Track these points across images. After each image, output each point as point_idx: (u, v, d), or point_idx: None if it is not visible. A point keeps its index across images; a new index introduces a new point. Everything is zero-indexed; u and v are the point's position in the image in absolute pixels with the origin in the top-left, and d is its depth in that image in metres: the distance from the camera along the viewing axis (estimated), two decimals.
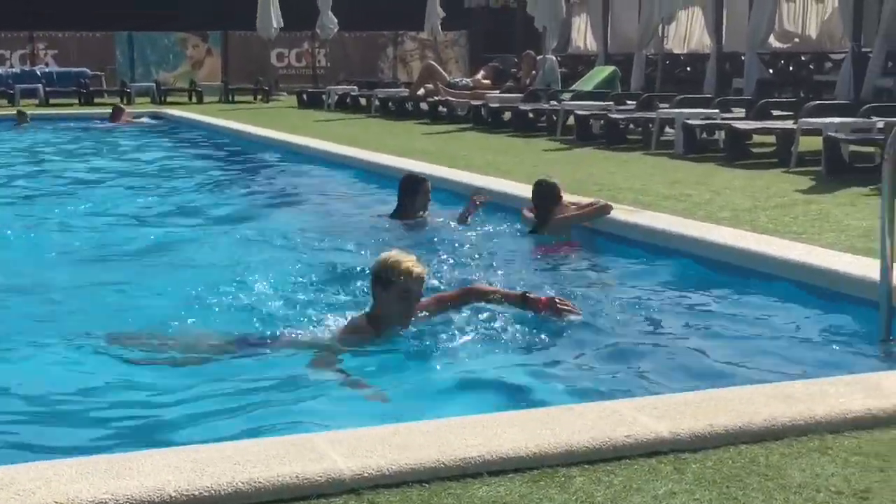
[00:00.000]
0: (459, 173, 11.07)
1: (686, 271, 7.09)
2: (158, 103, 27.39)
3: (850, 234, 7.45)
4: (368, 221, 9.79)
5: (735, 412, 3.71)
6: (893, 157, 5.29)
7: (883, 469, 3.35)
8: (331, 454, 3.29)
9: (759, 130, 13.25)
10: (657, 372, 5.07)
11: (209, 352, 5.59)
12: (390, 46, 34.55)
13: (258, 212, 10.95)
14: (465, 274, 7.20)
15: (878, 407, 3.79)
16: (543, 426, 3.58)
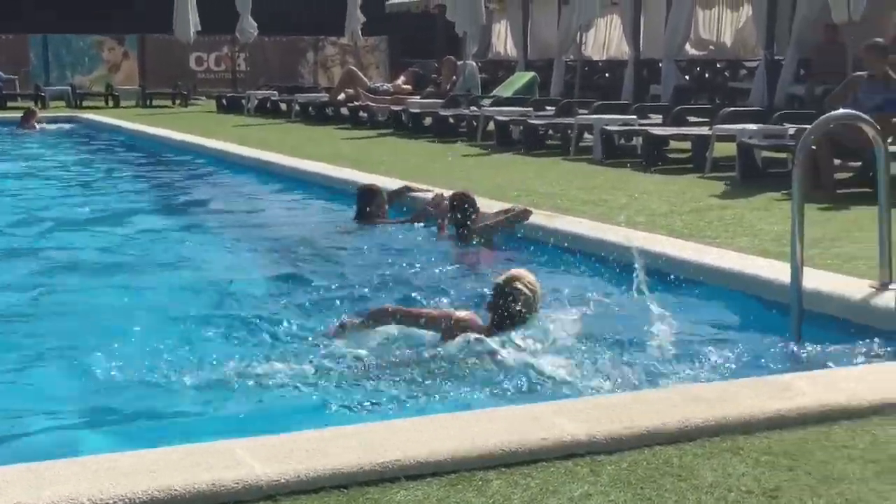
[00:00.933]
0: (381, 178, 11.05)
1: (603, 275, 7.13)
2: (74, 107, 26.96)
3: (763, 238, 7.57)
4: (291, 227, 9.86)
5: (650, 414, 3.75)
6: (802, 162, 5.43)
7: (791, 468, 3.41)
8: (248, 460, 3.27)
9: (676, 136, 13.39)
10: (574, 375, 5.11)
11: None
12: (311, 51, 34.41)
13: (176, 216, 10.89)
14: (389, 280, 7.26)
15: (787, 408, 3.85)
16: (461, 430, 3.59)
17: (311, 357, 5.49)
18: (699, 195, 10.13)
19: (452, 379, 5.12)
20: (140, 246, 9.25)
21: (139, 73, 31.90)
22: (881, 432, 3.72)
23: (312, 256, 8.51)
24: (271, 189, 12.63)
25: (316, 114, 22.41)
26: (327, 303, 6.85)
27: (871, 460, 3.47)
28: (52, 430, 4.64)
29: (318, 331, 6.01)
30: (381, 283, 7.35)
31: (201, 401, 4.93)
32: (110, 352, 5.65)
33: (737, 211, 9.06)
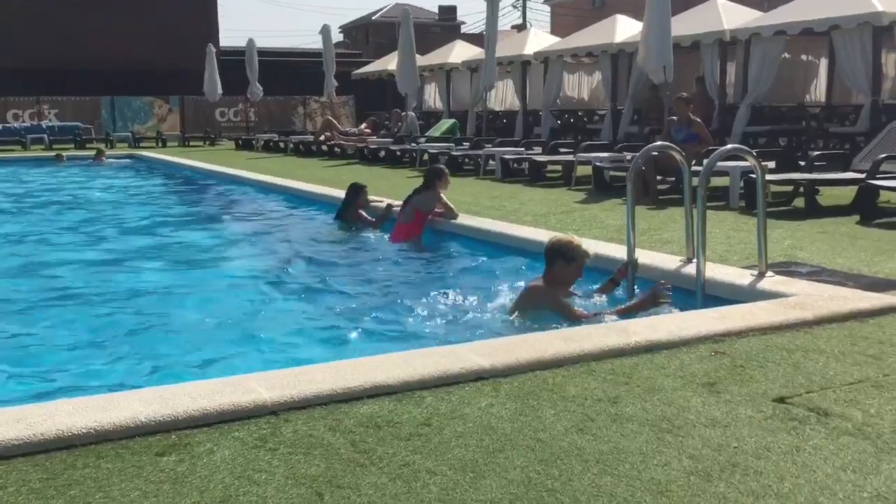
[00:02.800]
0: None
1: (497, 257, 7.16)
2: (134, 147, 26.36)
3: (609, 230, 7.65)
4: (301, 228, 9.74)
5: (532, 349, 3.77)
6: (633, 178, 5.50)
7: (627, 383, 3.47)
8: (258, 388, 3.25)
9: (551, 162, 13.45)
10: (488, 324, 5.14)
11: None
12: (300, 106, 34.04)
13: (203, 219, 10.73)
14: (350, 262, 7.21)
15: (624, 342, 3.90)
16: (405, 363, 3.59)
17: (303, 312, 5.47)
18: (567, 202, 10.19)
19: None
20: (181, 238, 9.12)
21: (180, 123, 31.31)
22: (685, 357, 3.79)
23: (302, 247, 8.44)
24: (271, 201, 12.49)
25: (304, 150, 22.15)
26: (315, 277, 6.83)
27: (679, 376, 3.54)
28: (114, 371, 4.57)
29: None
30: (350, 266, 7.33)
31: (225, 347, 4.88)
32: (168, 321, 5.58)
33: (592, 212, 9.11)
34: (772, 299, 4.71)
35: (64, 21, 34.62)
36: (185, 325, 5.39)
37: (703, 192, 5.07)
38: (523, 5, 51.76)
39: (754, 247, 5.42)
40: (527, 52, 22.20)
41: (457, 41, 29.31)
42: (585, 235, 7.18)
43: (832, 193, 9.29)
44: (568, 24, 43.46)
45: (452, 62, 25.86)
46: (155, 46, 35.36)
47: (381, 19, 61.30)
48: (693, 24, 16.83)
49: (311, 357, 4.47)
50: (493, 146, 15.26)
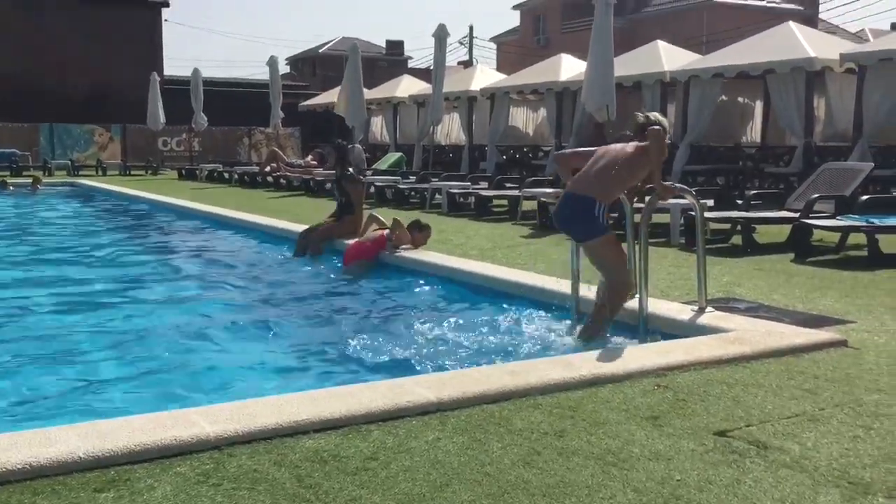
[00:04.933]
0: (291, 224, 10.91)
1: (444, 291, 7.17)
2: (73, 175, 25.81)
3: (555, 264, 7.59)
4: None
5: (479, 383, 3.79)
6: None
7: (573, 416, 3.50)
8: (200, 422, 3.19)
9: (497, 196, 13.59)
10: (435, 357, 5.12)
11: None
12: (245, 137, 33.83)
13: (144, 248, 10.52)
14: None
15: (569, 376, 3.94)
16: (351, 396, 3.57)
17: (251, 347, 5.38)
18: (513, 236, 10.27)
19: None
20: (117, 269, 8.90)
21: (122, 152, 30.79)
22: (629, 391, 3.84)
23: (247, 277, 8.31)
24: (215, 232, 12.31)
25: (249, 181, 21.98)
26: (260, 308, 6.74)
27: (623, 410, 3.59)
28: (51, 405, 4.42)
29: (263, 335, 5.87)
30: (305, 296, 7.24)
31: (166, 381, 4.78)
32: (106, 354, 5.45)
33: (538, 247, 9.19)
34: (712, 334, 4.81)
35: (3, 46, 33.94)
36: (124, 358, 5.26)
37: (645, 229, 5.18)
38: (470, 42, 52.51)
39: (695, 282, 5.54)
40: (473, 88, 22.49)
41: (404, 75, 29.56)
42: (532, 270, 7.27)
43: (768, 231, 9.57)
44: (513, 62, 44.22)
45: (399, 96, 26.05)
46: (98, 74, 34.84)
47: (329, 52, 61.43)
48: (635, 66, 17.29)
49: (255, 390, 4.40)
50: (440, 180, 15.36)
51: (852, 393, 3.82)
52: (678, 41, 21.20)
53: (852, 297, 6.14)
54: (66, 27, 35.28)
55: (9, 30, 34.23)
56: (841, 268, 7.59)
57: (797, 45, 14.88)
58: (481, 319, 6.20)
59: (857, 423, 3.42)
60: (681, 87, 16.91)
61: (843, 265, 7.76)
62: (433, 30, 17.92)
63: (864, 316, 5.44)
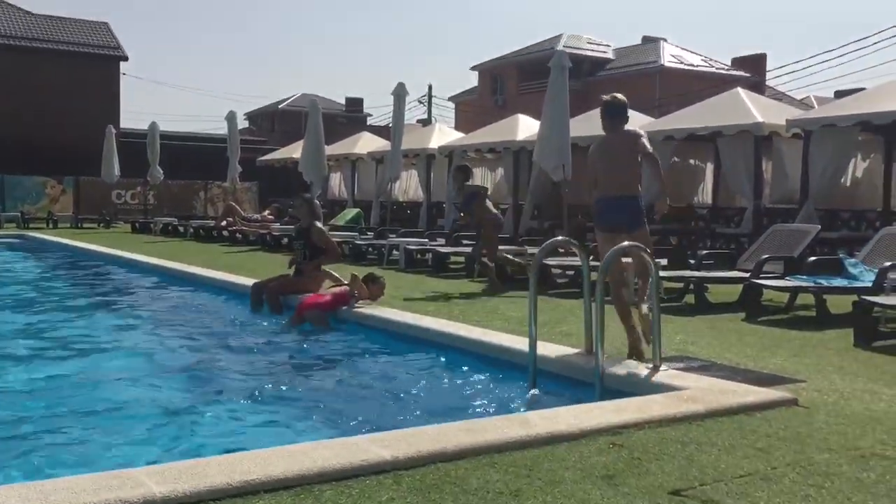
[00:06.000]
0: (247, 279, 10.80)
1: (400, 347, 7.10)
2: (23, 228, 25.32)
3: (512, 321, 7.72)
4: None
5: (435, 441, 3.75)
6: (535, 271, 5.64)
7: (529, 475, 3.47)
8: (147, 482, 3.10)
9: (454, 253, 13.64)
10: (388, 414, 5.07)
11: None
12: (202, 191, 33.61)
13: (94, 304, 10.30)
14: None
15: (526, 434, 3.92)
16: (305, 455, 3.50)
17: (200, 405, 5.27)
18: (470, 292, 10.30)
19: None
20: (67, 325, 8.68)
21: (74, 204, 30.33)
22: (586, 450, 3.83)
23: (199, 333, 8.18)
24: (168, 287, 12.09)
25: (205, 235, 21.79)
26: (211, 364, 6.61)
27: (579, 469, 3.57)
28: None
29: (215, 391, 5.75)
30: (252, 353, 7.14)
31: (111, 439, 4.64)
32: (48, 410, 5.29)
33: (494, 303, 9.21)
34: (666, 392, 4.85)
35: None
36: (68, 415, 5.10)
37: (601, 287, 5.23)
38: (429, 100, 53.23)
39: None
40: (432, 146, 22.75)
41: (363, 132, 29.81)
42: (488, 326, 7.28)
43: (720, 291, 9.74)
44: (471, 121, 44.88)
45: (358, 152, 26.22)
46: (53, 127, 34.51)
47: (288, 108, 61.75)
48: (590, 126, 17.63)
49: (204, 448, 4.30)
50: (398, 236, 15.40)
51: (804, 452, 3.86)
52: (631, 104, 21.71)
53: (801, 356, 6.25)
54: (22, 77, 35.01)
55: None
56: (790, 327, 7.74)
57: (745, 110, 15.37)
58: (437, 376, 6.18)
59: (808, 483, 3.45)
60: None
61: (793, 325, 7.91)
62: (392, 88, 18.14)
63: (814, 375, 5.54)
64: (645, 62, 46.37)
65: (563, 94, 12.77)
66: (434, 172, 23.54)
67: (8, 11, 38.29)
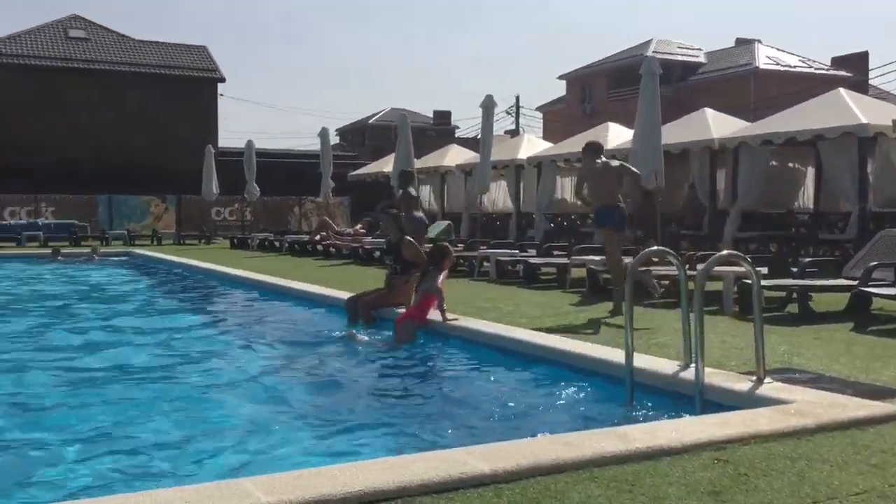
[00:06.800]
0: (342, 293, 11.00)
1: (493, 359, 7.09)
2: (129, 245, 26.55)
3: (606, 333, 7.65)
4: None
5: (533, 455, 3.71)
6: (631, 282, 5.54)
7: (631, 491, 3.41)
8: (255, 492, 3.18)
9: (545, 264, 13.59)
10: (484, 427, 5.08)
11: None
12: (296, 206, 34.53)
13: (197, 316, 10.68)
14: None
15: (625, 449, 3.84)
16: (405, 468, 3.52)
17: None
18: (562, 304, 10.21)
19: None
20: (168, 338, 9.02)
21: (176, 222, 31.65)
22: (689, 465, 3.74)
23: (298, 346, 8.34)
24: (266, 300, 12.46)
25: (299, 249, 22.34)
26: (312, 377, 6.75)
27: (683, 485, 3.49)
28: (107, 473, 4.45)
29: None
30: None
31: (217, 450, 4.80)
32: (159, 422, 5.49)
33: (588, 314, 9.11)
34: (772, 406, 4.68)
35: (66, 121, 35.42)
36: (176, 427, 5.30)
37: (699, 297, 5.11)
38: (516, 111, 53.23)
39: (750, 352, 5.42)
40: (520, 157, 22.72)
41: (452, 145, 30.03)
42: (582, 338, 7.21)
43: (824, 299, 9.37)
44: (559, 130, 44.64)
45: (447, 165, 26.41)
46: (155, 147, 36.10)
47: (378, 123, 62.78)
48: (683, 133, 17.32)
49: (307, 460, 4.39)
50: (488, 248, 15.41)
51: None
52: (725, 108, 21.18)
53: None
54: (126, 100, 36.74)
55: (74, 106, 35.73)
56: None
57: (848, 111, 14.78)
58: (530, 389, 6.15)
59: None
60: (730, 154, 16.85)
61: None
62: (480, 100, 18.23)
63: None
64: (739, 65, 45.13)
65: (654, 100, 12.58)
66: (523, 183, 23.49)
67: (112, 38, 40.33)
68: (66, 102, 35.66)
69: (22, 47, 37.12)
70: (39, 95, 35.33)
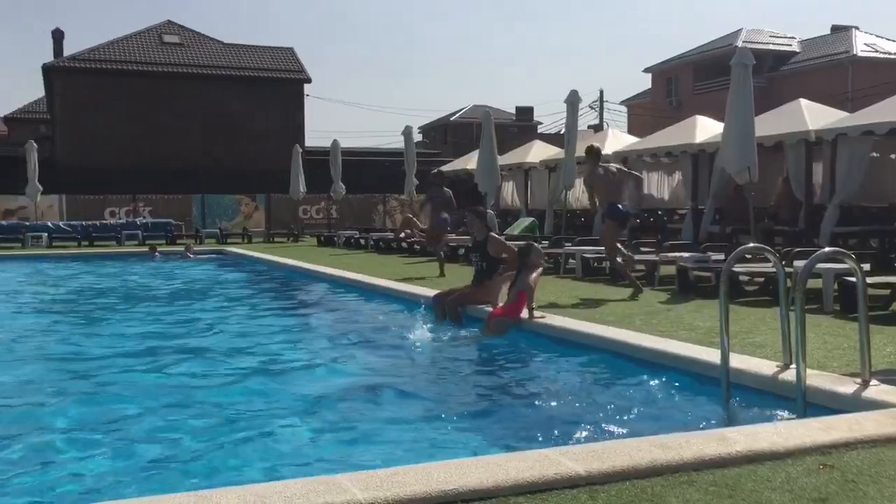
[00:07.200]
0: (429, 290, 11.06)
1: (582, 358, 7.02)
2: (221, 243, 27.37)
3: (698, 332, 7.44)
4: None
5: (628, 456, 3.66)
6: (726, 280, 5.39)
7: (731, 496, 3.32)
8: (351, 489, 3.23)
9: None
10: (576, 427, 5.02)
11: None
12: (380, 204, 34.92)
13: (286, 311, 10.92)
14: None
15: (725, 452, 3.75)
16: (498, 467, 3.51)
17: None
18: (651, 302, 10.03)
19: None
20: (268, 333, 9.23)
21: (265, 220, 32.45)
22: (792, 470, 3.62)
23: (388, 343, 8.43)
24: (353, 297, 12.64)
25: (384, 246, 22.57)
26: (403, 373, 6.81)
27: (787, 490, 3.38)
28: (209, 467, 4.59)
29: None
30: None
31: (308, 445, 4.89)
32: (254, 417, 5.63)
33: (678, 313, 8.91)
34: (878, 410, 4.49)
35: (160, 123, 36.74)
36: (272, 421, 5.42)
37: (801, 296, 4.92)
38: (600, 106, 52.52)
39: (853, 353, 5.22)
40: (606, 152, 22.34)
41: (535, 141, 29.80)
42: (674, 337, 7.05)
43: None
44: (644, 124, 43.83)
45: (531, 161, 26.23)
46: (246, 148, 37.08)
47: (460, 120, 62.92)
48: (776, 125, 16.75)
49: (397, 457, 4.43)
50: (573, 245, 15.24)
51: None
52: (820, 99, 20.40)
53: None
54: (217, 103, 37.85)
55: (169, 111, 37.04)
56: None
57: None
58: (622, 388, 6.06)
59: None
60: (827, 145, 16.21)
61: None
62: (561, 95, 18.10)
63: None
64: (834, 53, 43.40)
65: (746, 93, 12.22)
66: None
67: (203, 42, 41.60)
68: (160, 105, 36.98)
69: (119, 53, 38.66)
70: (136, 99, 36.72)
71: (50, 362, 7.81)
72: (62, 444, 4.97)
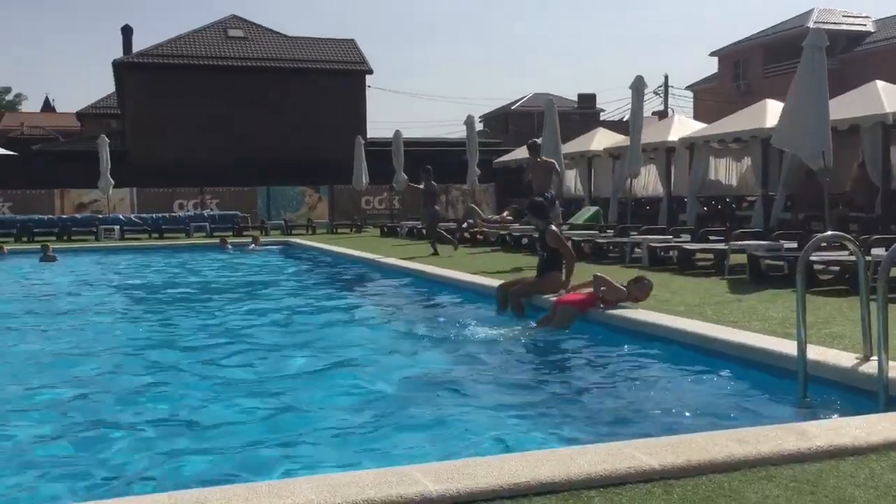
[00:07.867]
0: (492, 281, 11.02)
1: (652, 350, 6.91)
2: (286, 234, 27.78)
3: (772, 323, 7.25)
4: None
5: (704, 450, 3.60)
6: (803, 269, 5.24)
7: (813, 492, 3.24)
8: (423, 480, 3.25)
9: (701, 250, 13.11)
10: (648, 420, 4.96)
11: None
12: (443, 194, 34.94)
13: (351, 301, 11.02)
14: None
15: (805, 447, 3.66)
16: (571, 460, 3.49)
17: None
18: (721, 291, 9.82)
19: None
20: (333, 325, 9.34)
21: (329, 211, 32.83)
22: (876, 466, 3.51)
23: (455, 335, 8.42)
24: (417, 288, 12.68)
25: (447, 237, 22.57)
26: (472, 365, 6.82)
27: (872, 487, 3.28)
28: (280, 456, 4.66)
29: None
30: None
31: (379, 435, 4.93)
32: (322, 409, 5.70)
33: (750, 303, 8.70)
34: None
35: (226, 117, 37.41)
36: (342, 413, 5.48)
37: (883, 284, 4.75)
38: (665, 91, 51.59)
39: None
40: (671, 139, 22.00)
41: (598, 128, 29.48)
42: (746, 328, 6.90)
43: None
44: (711, 109, 42.91)
45: (594, 149, 25.95)
46: (309, 140, 37.52)
47: (521, 109, 62.55)
48: (851, 108, 16.22)
49: (466, 449, 4.43)
50: (639, 233, 15.03)
51: None
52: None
53: None
54: (281, 95, 38.37)
55: (235, 106, 37.70)
56: None
57: None
58: (694, 381, 5.94)
59: None
60: None
61: None
62: (622, 82, 17.85)
63: None
64: None
65: (820, 75, 11.82)
66: (675, 166, 22.74)
67: (267, 36, 42.17)
68: (226, 99, 37.64)
69: (186, 48, 39.47)
70: (201, 93, 37.46)
71: (170, 350, 8.00)
72: (151, 430, 5.12)
